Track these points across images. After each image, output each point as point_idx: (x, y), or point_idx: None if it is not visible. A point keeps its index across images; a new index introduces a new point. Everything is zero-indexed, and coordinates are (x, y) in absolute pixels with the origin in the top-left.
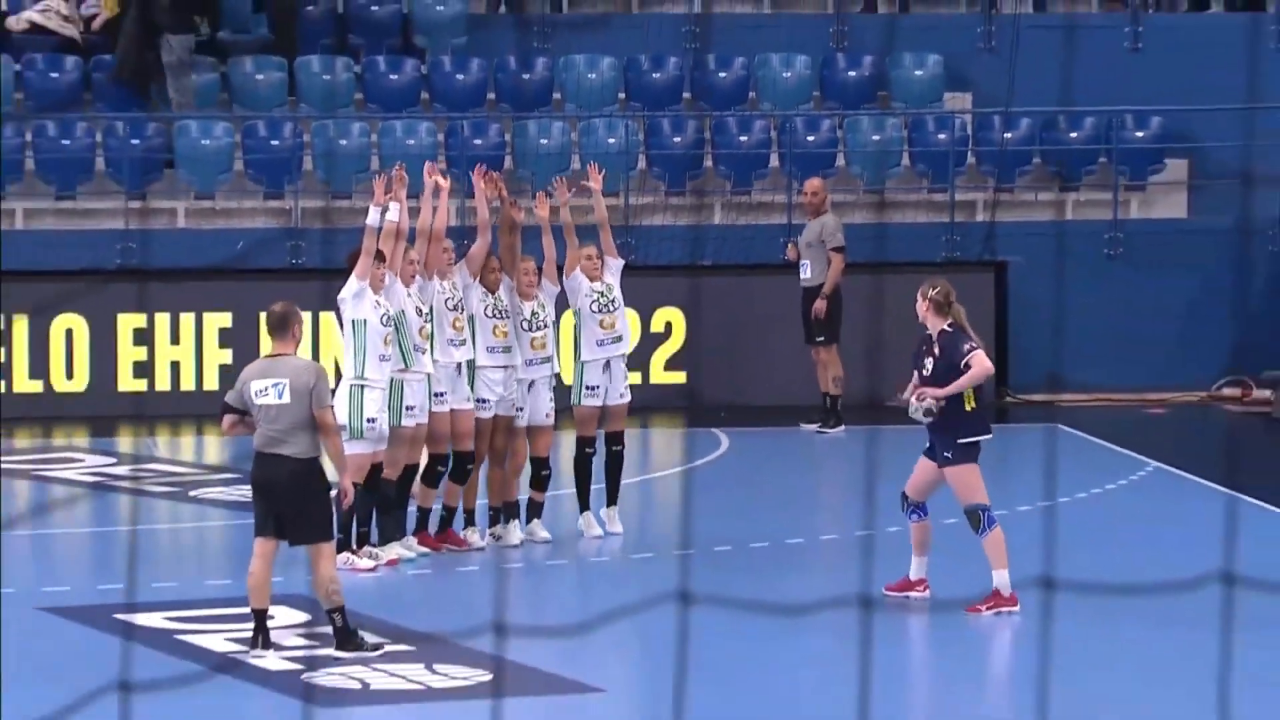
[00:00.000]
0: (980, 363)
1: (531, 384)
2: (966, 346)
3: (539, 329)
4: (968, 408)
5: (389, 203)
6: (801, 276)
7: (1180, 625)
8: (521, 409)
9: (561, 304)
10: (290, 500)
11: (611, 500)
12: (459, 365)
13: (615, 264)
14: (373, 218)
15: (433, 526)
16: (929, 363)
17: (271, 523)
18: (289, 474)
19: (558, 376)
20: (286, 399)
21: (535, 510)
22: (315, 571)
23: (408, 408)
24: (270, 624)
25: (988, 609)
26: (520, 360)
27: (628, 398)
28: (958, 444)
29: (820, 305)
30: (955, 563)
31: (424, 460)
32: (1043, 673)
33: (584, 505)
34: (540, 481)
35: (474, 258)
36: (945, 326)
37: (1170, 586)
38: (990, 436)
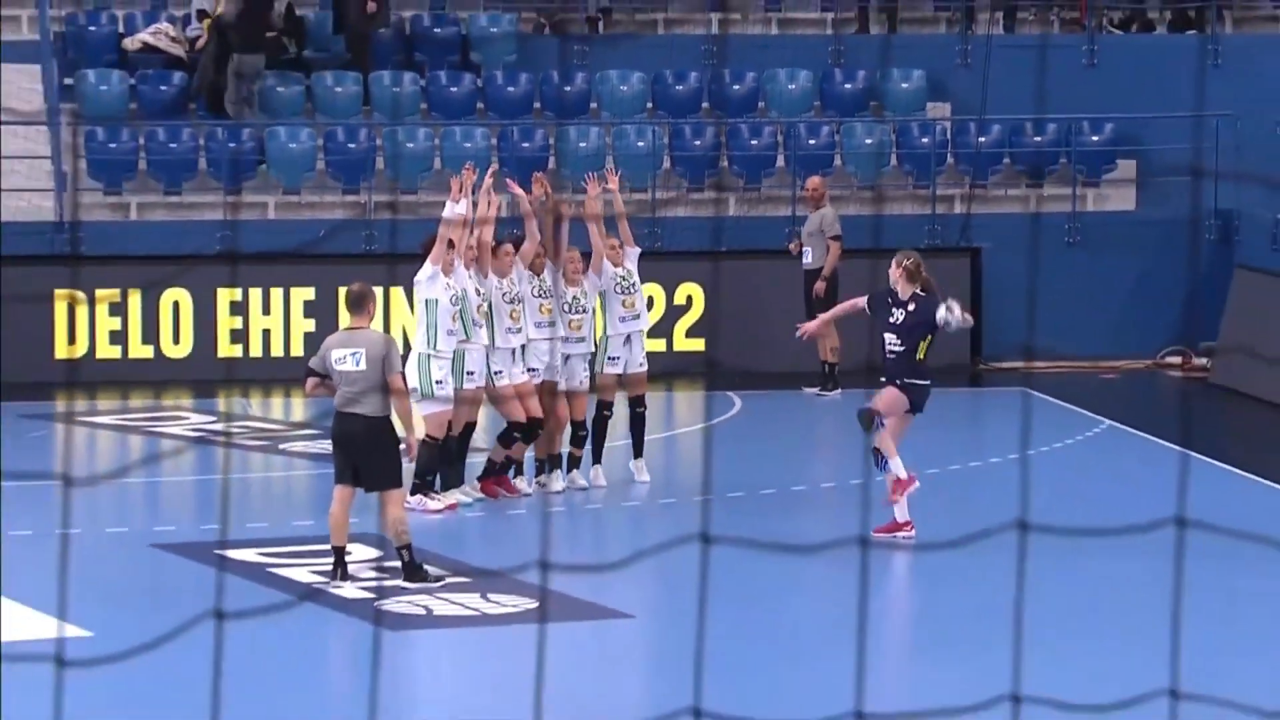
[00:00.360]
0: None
1: (568, 358)
2: (941, 306)
3: (579, 313)
4: (919, 357)
5: (460, 199)
6: (803, 261)
7: (1137, 559)
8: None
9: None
10: (365, 452)
11: (638, 453)
12: (513, 350)
13: (633, 252)
14: (449, 211)
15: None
16: (899, 314)
17: (349, 472)
18: (364, 430)
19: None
20: (363, 366)
21: (574, 462)
22: (386, 514)
23: (468, 373)
24: (347, 559)
25: (899, 496)
26: (615, 319)
27: (645, 366)
28: (906, 382)
29: (820, 286)
30: (940, 509)
31: (474, 421)
32: (1019, 599)
33: (596, 459)
34: (579, 439)
35: (525, 255)
36: (917, 290)
37: (1129, 529)
38: (929, 383)
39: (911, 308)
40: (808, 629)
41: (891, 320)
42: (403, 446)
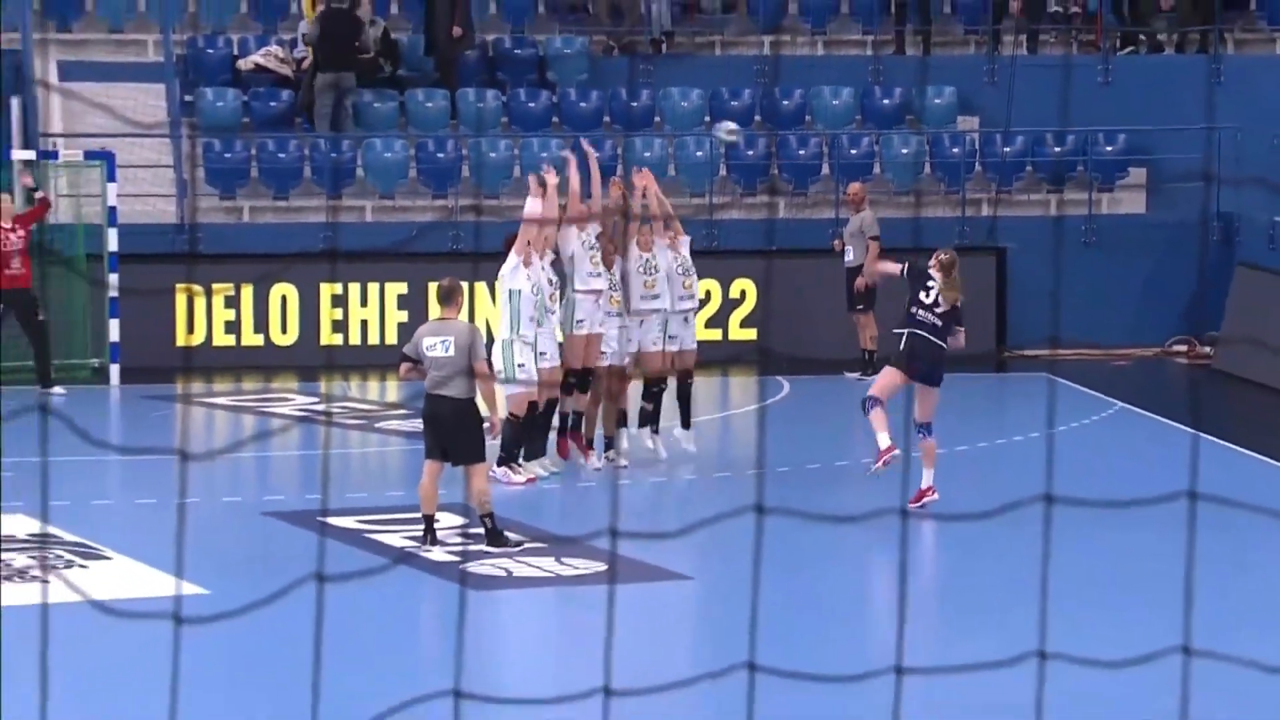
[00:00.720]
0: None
1: (643, 321)
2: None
3: (652, 273)
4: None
5: (540, 195)
6: (845, 259)
7: (1150, 530)
8: (630, 353)
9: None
10: (452, 431)
11: (685, 424)
12: (596, 294)
13: (685, 240)
14: (530, 207)
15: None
16: (934, 292)
17: (438, 448)
18: (451, 410)
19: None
20: (452, 352)
21: (647, 418)
22: (470, 486)
23: (542, 354)
24: (436, 526)
25: (881, 464)
26: (636, 296)
27: (694, 346)
28: (930, 340)
29: (861, 282)
30: (969, 484)
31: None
32: (1044, 566)
33: (655, 429)
34: (652, 396)
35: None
36: (949, 291)
37: (1143, 501)
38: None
39: (941, 309)
40: (850, 592)
41: (926, 299)
42: (486, 425)
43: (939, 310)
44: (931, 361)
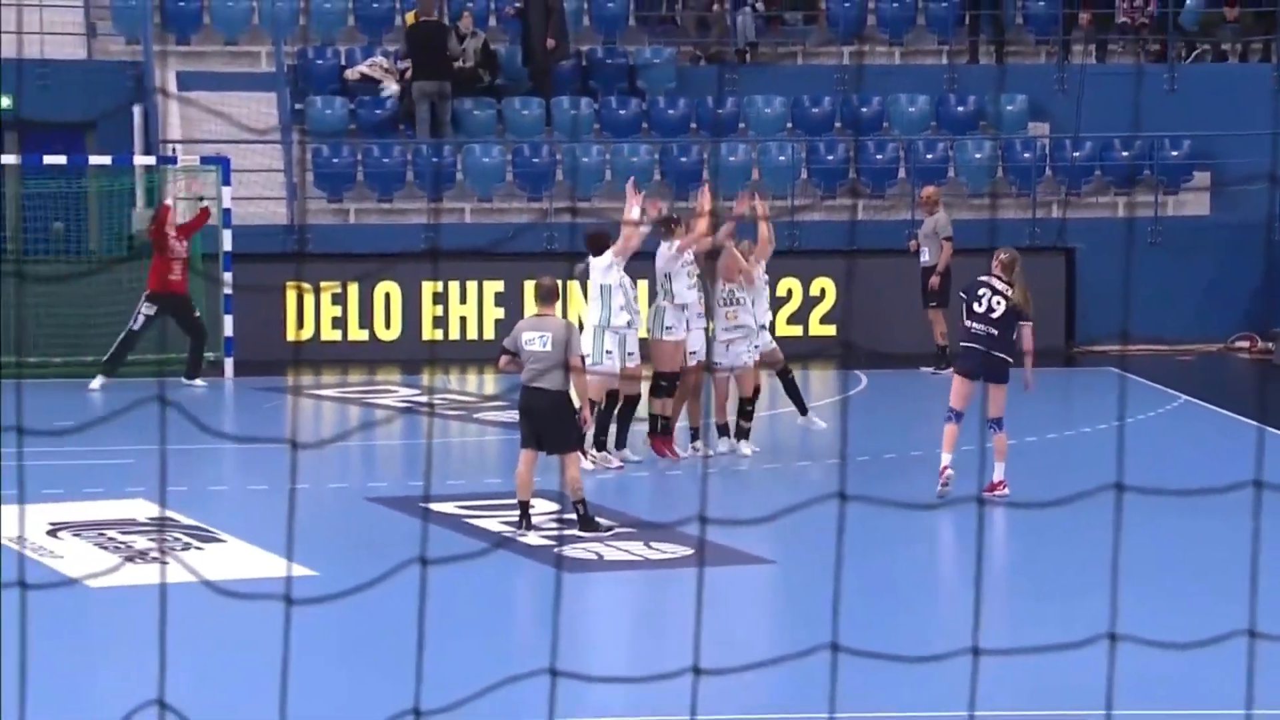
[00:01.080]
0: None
1: (729, 344)
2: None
3: (733, 304)
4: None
5: (636, 203)
6: (920, 259)
7: (1216, 518)
8: (718, 361)
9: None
10: (547, 421)
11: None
12: (684, 307)
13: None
14: (632, 213)
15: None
16: (998, 304)
17: (533, 438)
18: (548, 402)
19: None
20: (548, 347)
21: (743, 433)
22: (565, 473)
23: (629, 353)
24: (531, 512)
25: (942, 485)
26: (720, 327)
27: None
28: (995, 355)
29: (935, 280)
30: (1039, 473)
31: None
32: (1114, 552)
33: (743, 435)
34: (746, 414)
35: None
36: (1009, 291)
37: (1208, 490)
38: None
39: (998, 314)
40: (925, 576)
41: (991, 314)
42: (579, 418)
43: (995, 315)
44: (991, 367)
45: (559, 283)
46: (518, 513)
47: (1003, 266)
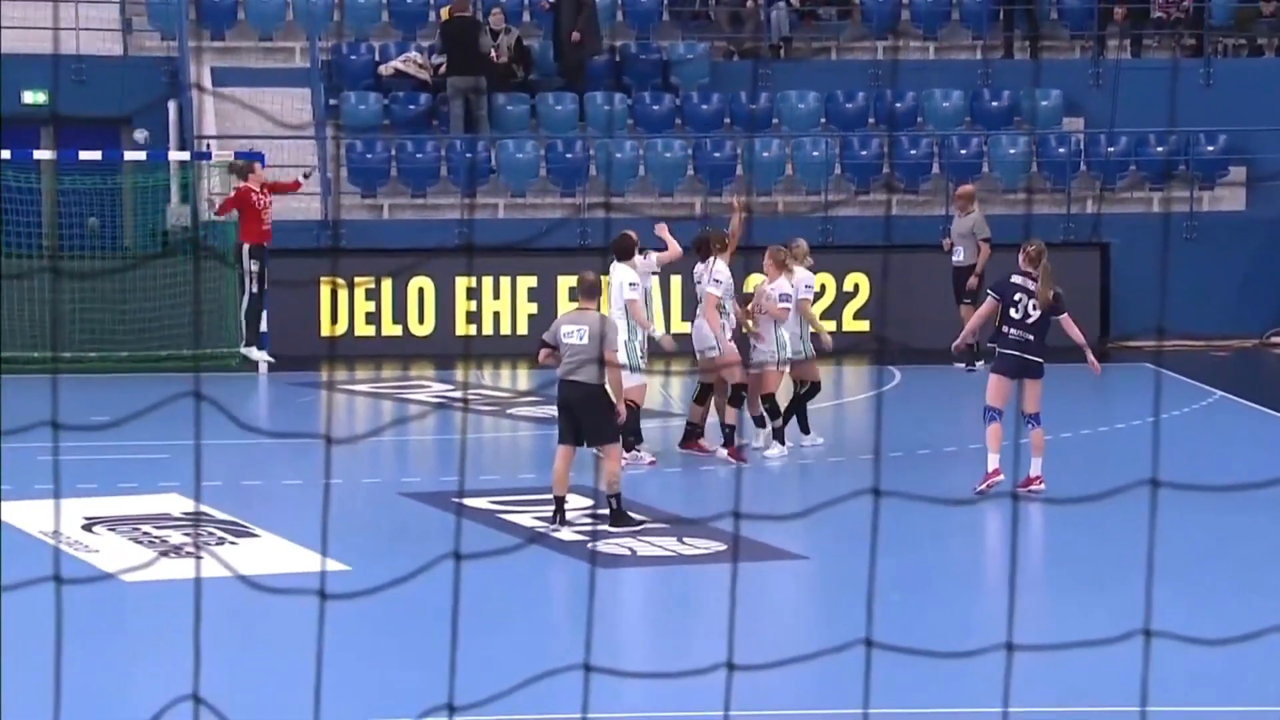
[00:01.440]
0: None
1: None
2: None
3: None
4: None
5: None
6: (955, 259)
7: (1252, 513)
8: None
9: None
10: (585, 414)
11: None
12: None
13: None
14: (672, 251)
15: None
16: (1033, 309)
17: (571, 433)
18: (584, 395)
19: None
20: (585, 340)
21: (776, 432)
22: (603, 466)
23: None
24: (565, 507)
25: (986, 485)
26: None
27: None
28: (1029, 359)
29: (974, 280)
30: (1075, 469)
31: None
32: (1150, 547)
33: (777, 436)
34: (773, 412)
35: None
36: (1021, 272)
37: (1244, 486)
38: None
39: (1033, 320)
40: (960, 572)
41: (1027, 319)
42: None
43: (1030, 321)
44: (1027, 367)
45: (601, 278)
46: (553, 508)
47: (1029, 259)
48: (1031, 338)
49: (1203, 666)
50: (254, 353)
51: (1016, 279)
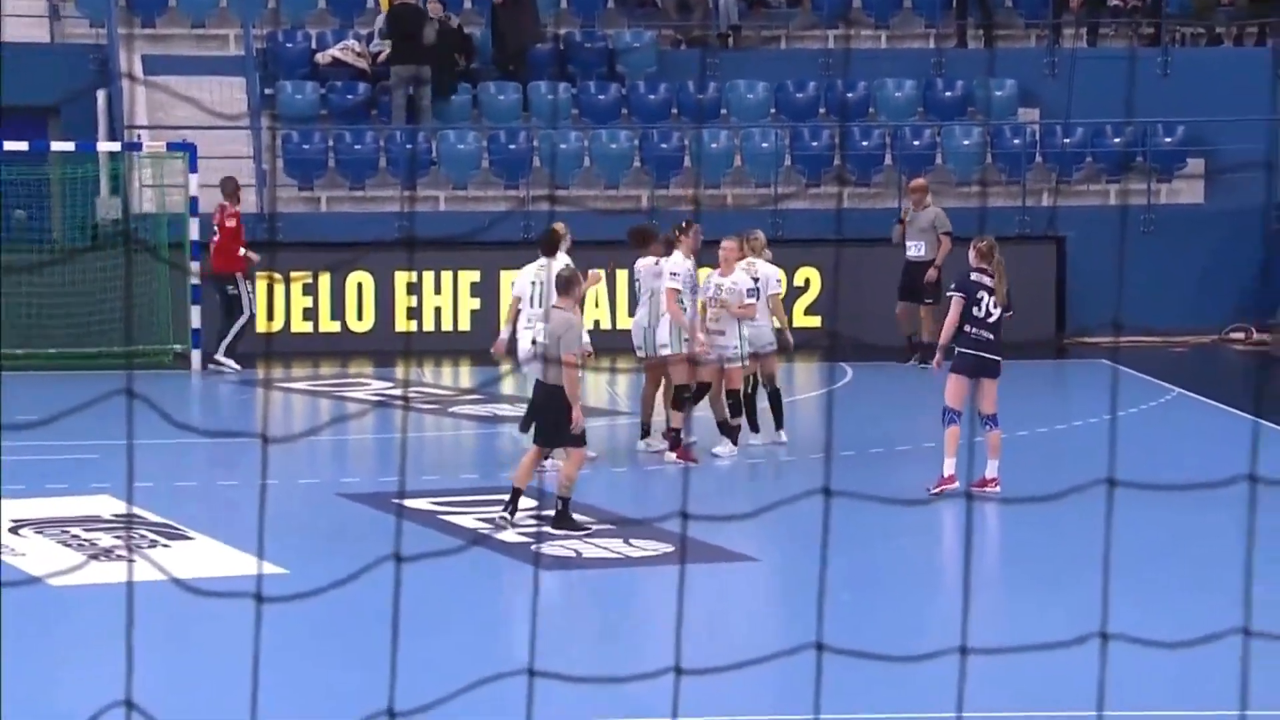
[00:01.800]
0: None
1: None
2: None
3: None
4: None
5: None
6: (911, 253)
7: (1210, 512)
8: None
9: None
10: (540, 414)
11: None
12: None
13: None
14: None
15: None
16: (995, 308)
17: (533, 430)
18: (544, 395)
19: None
20: (547, 340)
21: (729, 430)
22: (562, 468)
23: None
24: (519, 501)
25: (939, 489)
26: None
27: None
28: (987, 358)
29: (933, 273)
30: (1030, 467)
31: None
32: (1106, 548)
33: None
34: (732, 409)
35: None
36: (974, 268)
37: (1202, 485)
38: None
39: (994, 319)
40: (913, 574)
41: (978, 313)
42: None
43: (992, 320)
44: (986, 366)
45: (579, 275)
46: (506, 500)
47: (982, 255)
48: (991, 337)
49: (1161, 670)
50: (229, 361)
51: (975, 276)
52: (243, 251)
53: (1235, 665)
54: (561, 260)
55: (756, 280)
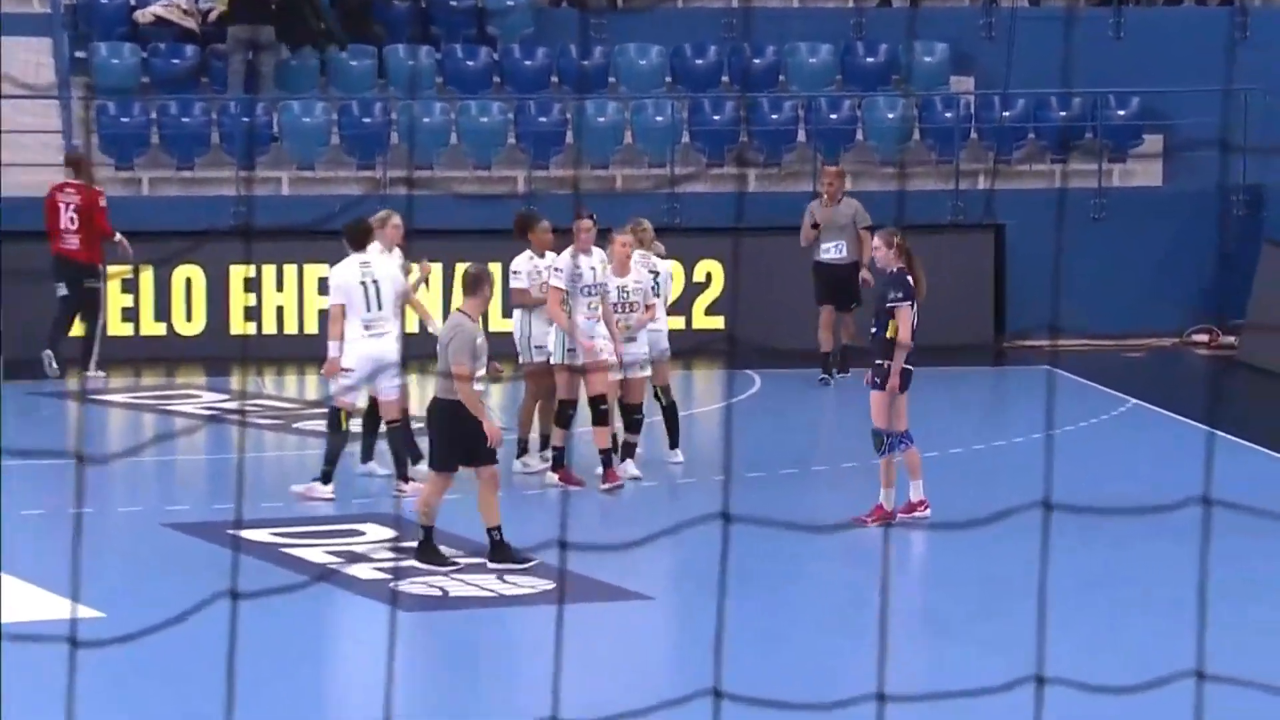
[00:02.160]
0: (903, 323)
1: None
2: (893, 295)
3: (626, 310)
4: (888, 335)
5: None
6: (830, 255)
7: (1162, 540)
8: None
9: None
10: (431, 432)
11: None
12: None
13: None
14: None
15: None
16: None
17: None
18: (433, 409)
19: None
20: (440, 348)
21: (629, 450)
22: (422, 491)
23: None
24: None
25: (873, 521)
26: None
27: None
28: (882, 368)
29: (867, 275)
30: (963, 489)
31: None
32: (1041, 587)
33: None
34: (633, 425)
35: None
36: (895, 268)
37: (1151, 509)
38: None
39: (880, 288)
40: (827, 610)
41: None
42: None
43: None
44: (909, 377)
45: (488, 273)
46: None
47: (901, 252)
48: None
49: (1104, 717)
50: (98, 373)
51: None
52: (118, 237)
53: (1189, 712)
54: (382, 256)
55: (657, 275)
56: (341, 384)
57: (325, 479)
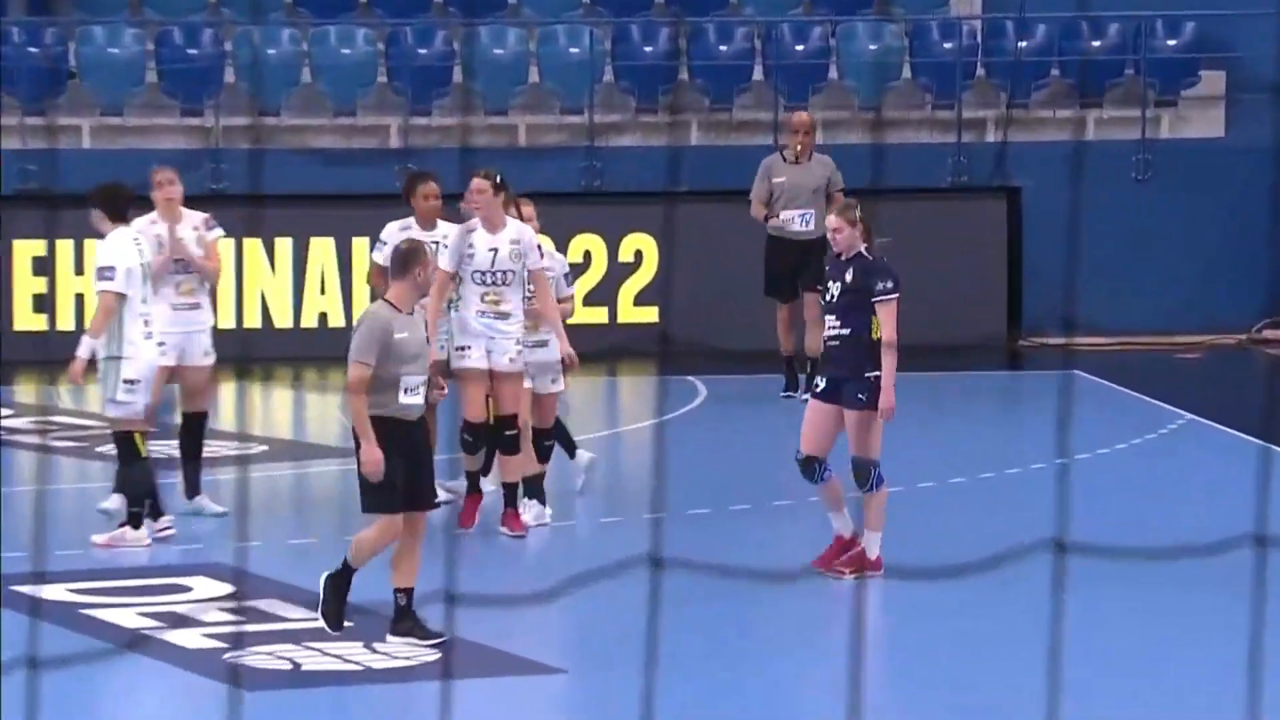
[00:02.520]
0: (889, 322)
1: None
2: (880, 285)
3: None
4: (874, 336)
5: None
6: (797, 227)
7: (1207, 591)
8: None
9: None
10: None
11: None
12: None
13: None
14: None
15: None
16: (835, 289)
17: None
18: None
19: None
20: None
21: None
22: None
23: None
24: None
25: (851, 572)
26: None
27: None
28: (869, 380)
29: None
30: (964, 526)
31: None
32: (1053, 643)
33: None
34: (543, 451)
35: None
36: (863, 249)
37: (1194, 550)
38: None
39: (850, 277)
40: (782, 680)
41: (831, 299)
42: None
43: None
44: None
45: (417, 245)
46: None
47: (868, 230)
48: (846, 331)
49: None
50: None
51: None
52: None
53: None
54: (146, 225)
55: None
56: (123, 398)
57: (135, 521)
